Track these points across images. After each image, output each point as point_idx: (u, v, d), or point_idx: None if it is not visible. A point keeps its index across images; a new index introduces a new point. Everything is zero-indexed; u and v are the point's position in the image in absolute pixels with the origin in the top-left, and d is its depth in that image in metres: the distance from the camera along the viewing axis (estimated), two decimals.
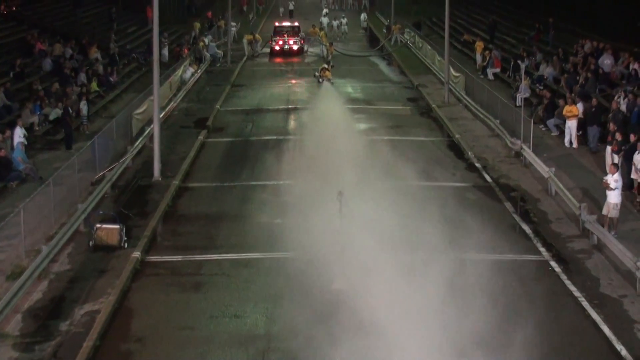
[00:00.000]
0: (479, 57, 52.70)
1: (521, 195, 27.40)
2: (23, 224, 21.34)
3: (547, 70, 42.65)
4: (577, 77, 38.60)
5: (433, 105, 42.89)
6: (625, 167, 26.26)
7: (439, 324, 17.36)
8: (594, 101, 32.77)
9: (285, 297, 19.65)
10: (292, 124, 39.62)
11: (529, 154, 30.83)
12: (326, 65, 52.44)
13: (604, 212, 23.51)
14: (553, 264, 21.89)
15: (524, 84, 38.68)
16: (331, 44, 61.74)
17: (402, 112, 42.46)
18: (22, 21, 49.25)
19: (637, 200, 25.48)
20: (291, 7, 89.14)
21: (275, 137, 36.00)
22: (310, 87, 48.81)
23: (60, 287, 20.39)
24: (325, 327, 17.57)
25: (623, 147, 27.23)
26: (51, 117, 34.24)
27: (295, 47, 63.91)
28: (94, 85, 41.76)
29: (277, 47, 63.93)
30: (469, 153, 32.98)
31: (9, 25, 48.02)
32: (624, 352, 17.21)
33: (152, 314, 19.24)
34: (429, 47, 57.73)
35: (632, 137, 27.05)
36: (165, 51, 52.84)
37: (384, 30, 74.55)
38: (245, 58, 61.49)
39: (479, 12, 72.35)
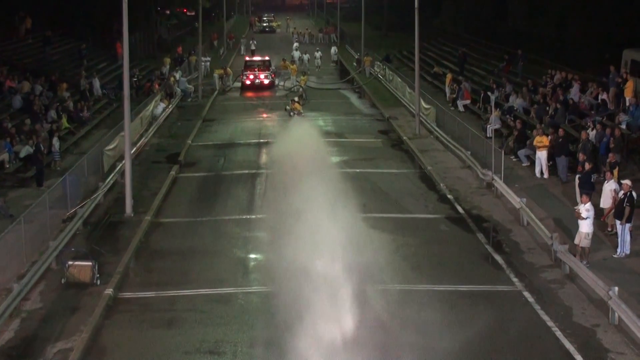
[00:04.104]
0: (447, 90, 53.09)
1: (493, 226, 27.49)
2: None
3: (517, 102, 42.98)
4: (547, 108, 38.98)
5: (404, 138, 43.06)
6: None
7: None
8: (561, 131, 33.05)
9: (259, 331, 19.53)
10: (264, 157, 39.57)
11: (500, 184, 30.99)
12: (296, 98, 52.62)
13: (576, 241, 23.64)
14: (526, 294, 21.92)
15: (494, 115, 38.91)
16: (305, 73, 61.93)
17: (374, 145, 42.59)
18: None
19: (608, 229, 25.65)
20: (252, 46, 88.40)
21: (247, 171, 36.01)
22: (282, 121, 48.73)
23: (33, 326, 20.18)
24: None
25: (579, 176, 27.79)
26: (22, 155, 34.03)
27: (266, 82, 63.91)
28: (65, 122, 41.58)
29: (248, 82, 63.89)
30: (441, 185, 33.07)
31: None
32: None
33: (126, 351, 19.07)
34: (400, 80, 57.98)
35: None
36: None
37: (354, 64, 75.12)
38: (216, 93, 61.56)
39: (449, 45, 72.98)
